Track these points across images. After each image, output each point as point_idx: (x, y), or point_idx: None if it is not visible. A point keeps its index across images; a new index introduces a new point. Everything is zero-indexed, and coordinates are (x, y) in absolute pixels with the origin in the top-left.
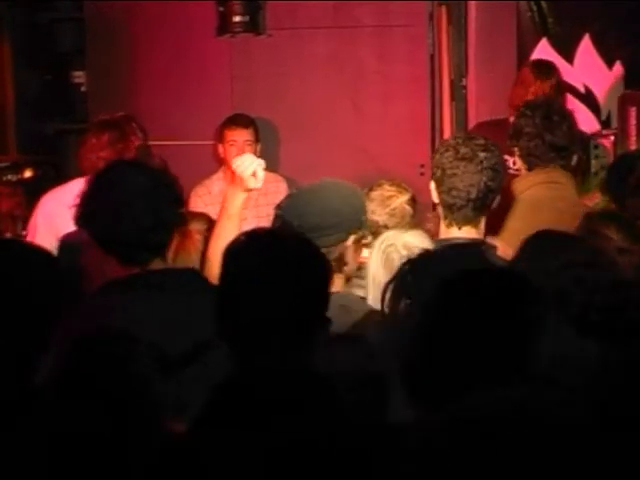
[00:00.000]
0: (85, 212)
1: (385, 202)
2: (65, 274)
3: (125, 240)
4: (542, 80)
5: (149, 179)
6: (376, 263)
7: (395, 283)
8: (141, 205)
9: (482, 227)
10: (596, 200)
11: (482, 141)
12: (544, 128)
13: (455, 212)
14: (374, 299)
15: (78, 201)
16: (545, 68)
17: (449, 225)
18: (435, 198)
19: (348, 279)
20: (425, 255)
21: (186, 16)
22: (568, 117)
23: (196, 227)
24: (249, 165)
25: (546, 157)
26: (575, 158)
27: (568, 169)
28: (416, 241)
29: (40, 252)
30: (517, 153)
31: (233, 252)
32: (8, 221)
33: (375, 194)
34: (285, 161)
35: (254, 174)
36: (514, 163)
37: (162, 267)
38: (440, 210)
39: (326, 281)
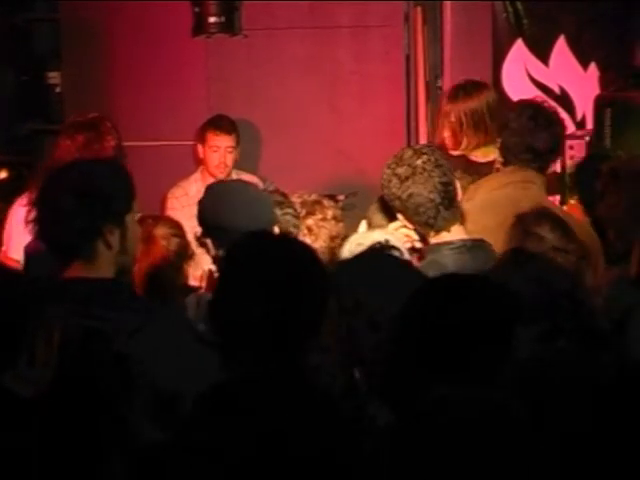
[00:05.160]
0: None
1: None
2: (27, 289)
3: (47, 241)
4: None
5: (78, 185)
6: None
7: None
8: (54, 208)
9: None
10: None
11: (410, 152)
12: (527, 129)
13: (433, 222)
14: None
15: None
16: None
17: (437, 233)
18: (409, 224)
19: None
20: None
21: (162, 17)
22: (555, 124)
23: (160, 232)
24: None
25: (521, 157)
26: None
27: (542, 172)
28: (384, 239)
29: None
30: (497, 145)
31: (230, 252)
32: None
33: None
34: (263, 162)
35: None
36: None
37: (80, 274)
38: (422, 230)
39: (323, 287)
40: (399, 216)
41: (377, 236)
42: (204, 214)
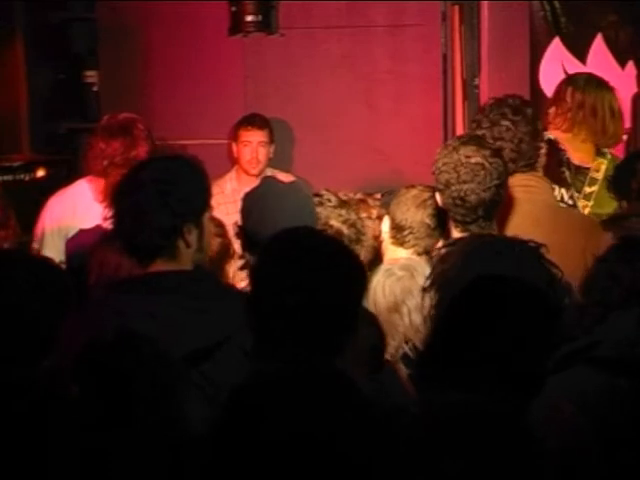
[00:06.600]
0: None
1: (425, 203)
2: (66, 279)
3: (126, 239)
4: None
5: (158, 184)
6: (375, 287)
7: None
8: (135, 207)
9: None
10: None
11: (479, 157)
12: (493, 140)
13: (467, 225)
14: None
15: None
16: None
17: (463, 231)
18: (442, 205)
19: None
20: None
21: (199, 16)
22: (504, 125)
23: None
24: None
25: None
26: (543, 160)
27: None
28: (412, 262)
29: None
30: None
31: (268, 247)
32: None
33: (410, 195)
34: (298, 160)
35: None
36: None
37: (164, 269)
38: (452, 221)
39: (360, 287)
40: (437, 195)
41: (405, 261)
42: (243, 217)
